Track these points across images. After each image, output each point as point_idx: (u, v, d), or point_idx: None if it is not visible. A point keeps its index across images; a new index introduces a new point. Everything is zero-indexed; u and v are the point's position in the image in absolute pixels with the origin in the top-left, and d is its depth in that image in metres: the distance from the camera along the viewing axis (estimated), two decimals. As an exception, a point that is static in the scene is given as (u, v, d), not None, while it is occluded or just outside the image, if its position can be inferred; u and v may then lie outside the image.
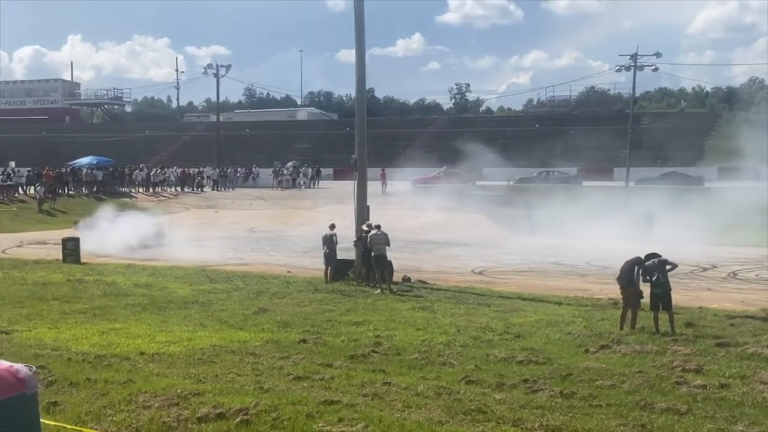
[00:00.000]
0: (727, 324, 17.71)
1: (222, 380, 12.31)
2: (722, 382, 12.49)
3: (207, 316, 18.41)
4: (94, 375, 12.37)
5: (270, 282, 24.24)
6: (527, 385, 12.30)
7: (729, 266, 29.81)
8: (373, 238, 23.80)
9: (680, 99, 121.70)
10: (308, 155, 79.58)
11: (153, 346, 14.70)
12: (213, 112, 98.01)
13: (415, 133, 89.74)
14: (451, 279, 26.07)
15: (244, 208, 55.04)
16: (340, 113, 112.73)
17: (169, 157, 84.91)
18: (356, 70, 26.44)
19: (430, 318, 18.50)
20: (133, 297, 20.99)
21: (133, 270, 26.67)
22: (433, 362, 13.88)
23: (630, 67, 59.15)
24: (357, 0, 25.91)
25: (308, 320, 18.01)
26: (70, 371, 12.57)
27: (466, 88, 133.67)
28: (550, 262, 31.82)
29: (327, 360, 13.90)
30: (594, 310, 19.54)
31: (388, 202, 50.41)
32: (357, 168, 26.30)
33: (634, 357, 14.46)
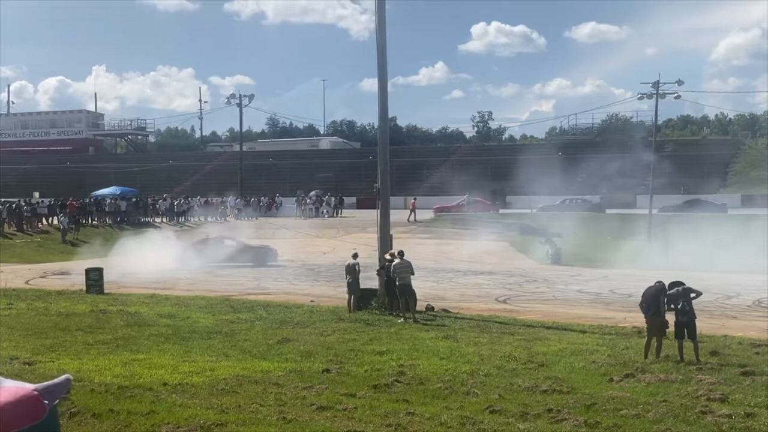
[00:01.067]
0: (753, 352, 17.55)
1: (245, 411, 12.30)
2: (748, 412, 12.37)
3: (230, 346, 18.41)
4: (117, 406, 12.38)
5: (293, 311, 24.23)
6: (551, 415, 12.23)
7: (754, 294, 29.54)
8: (397, 266, 23.75)
9: (703, 126, 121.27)
10: (331, 184, 79.82)
11: (176, 377, 14.69)
12: (236, 141, 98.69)
13: (437, 162, 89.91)
14: (474, 307, 25.99)
15: (268, 237, 55.08)
16: (362, 142, 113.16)
17: (192, 187, 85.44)
18: (379, 99, 26.56)
19: (453, 347, 18.43)
20: (156, 327, 21.00)
21: (156, 300, 26.74)
22: (457, 392, 13.82)
23: (652, 94, 58.94)
24: (379, 32, 26.08)
25: (331, 350, 17.97)
26: (92, 402, 12.59)
27: (488, 116, 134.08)
28: (574, 290, 31.67)
29: (350, 390, 13.86)
30: (618, 339, 19.43)
31: (411, 230, 50.45)
32: (380, 197, 26.35)
33: (659, 386, 14.35)
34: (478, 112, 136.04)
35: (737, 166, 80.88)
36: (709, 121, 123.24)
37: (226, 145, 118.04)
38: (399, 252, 24.21)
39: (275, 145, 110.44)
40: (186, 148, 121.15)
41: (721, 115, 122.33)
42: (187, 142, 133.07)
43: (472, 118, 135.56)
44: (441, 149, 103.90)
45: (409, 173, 78.42)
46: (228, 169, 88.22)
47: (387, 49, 26.38)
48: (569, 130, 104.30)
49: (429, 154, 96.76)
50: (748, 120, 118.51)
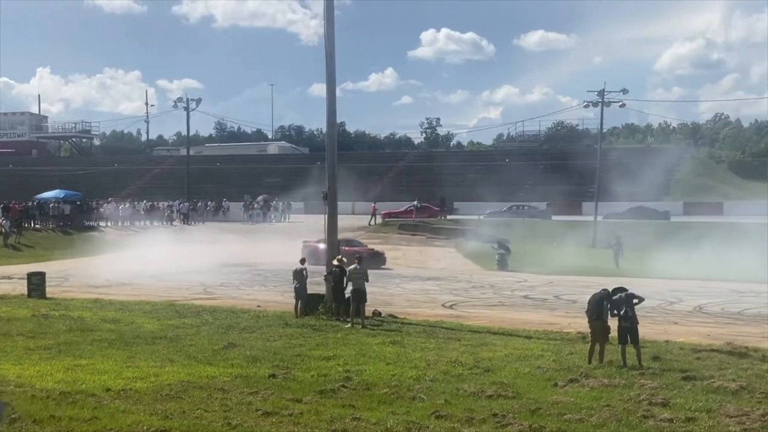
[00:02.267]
0: (693, 358, 17.83)
1: (189, 417, 12.22)
2: (688, 416, 12.58)
3: (175, 352, 18.27)
4: (59, 412, 12.24)
5: (239, 316, 24.09)
6: (496, 420, 12.32)
7: (695, 300, 30.00)
8: (353, 272, 23.76)
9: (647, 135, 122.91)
10: (279, 189, 79.56)
11: (119, 383, 14.55)
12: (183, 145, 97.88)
13: (386, 168, 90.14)
14: (421, 313, 26.04)
15: (214, 242, 54.75)
16: (311, 147, 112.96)
17: (138, 191, 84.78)
18: (327, 105, 26.54)
19: (400, 352, 18.47)
20: (99, 332, 20.76)
21: (100, 305, 26.43)
22: (403, 397, 13.85)
23: (598, 103, 59.70)
24: (327, 37, 26.08)
25: (278, 355, 17.91)
26: (34, 408, 12.42)
27: (436, 123, 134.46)
28: (520, 296, 31.89)
29: (296, 395, 13.83)
30: (563, 344, 19.62)
31: (359, 236, 50.47)
32: (328, 202, 26.32)
33: (602, 391, 14.52)
34: (426, 119, 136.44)
35: (680, 174, 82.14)
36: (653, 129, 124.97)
37: (173, 149, 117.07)
38: (357, 257, 24.18)
39: (223, 149, 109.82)
40: (132, 152, 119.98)
41: (664, 124, 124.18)
42: (133, 146, 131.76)
43: (421, 125, 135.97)
44: (389, 155, 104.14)
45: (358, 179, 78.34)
46: (175, 174, 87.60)
47: (337, 55, 26.41)
48: (516, 137, 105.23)
49: (377, 159, 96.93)
50: (691, 129, 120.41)
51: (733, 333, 22.09)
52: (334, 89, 26.74)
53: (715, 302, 29.55)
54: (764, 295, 31.14)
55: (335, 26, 26.33)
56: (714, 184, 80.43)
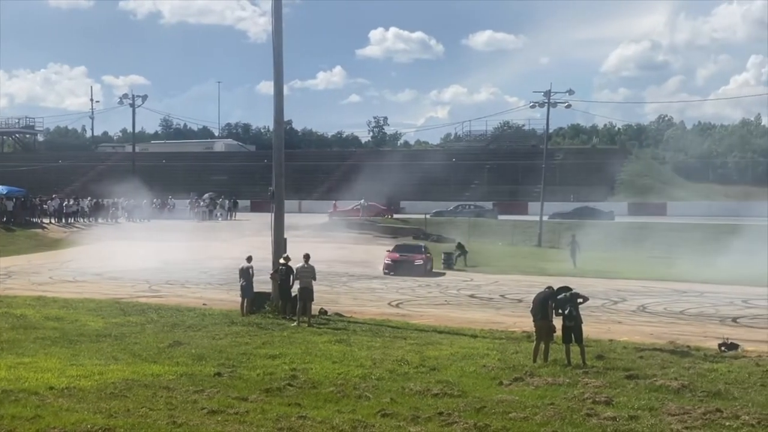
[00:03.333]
0: (637, 356, 18.10)
1: (134, 415, 12.12)
2: (631, 414, 12.76)
3: (120, 350, 18.11)
4: (1, 410, 12.07)
5: (185, 315, 23.94)
6: (442, 418, 12.38)
7: (639, 299, 30.42)
8: (301, 270, 23.73)
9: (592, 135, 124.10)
10: (225, 187, 79.11)
11: (63, 381, 14.39)
12: (128, 142, 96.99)
13: (333, 166, 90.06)
14: (367, 312, 26.09)
15: (160, 240, 54.27)
16: (258, 145, 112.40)
17: (82, 188, 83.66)
18: (274, 103, 26.48)
19: (346, 351, 18.49)
20: (43, 330, 20.50)
21: (43, 302, 26.08)
22: (349, 395, 13.88)
23: (544, 103, 60.23)
24: (275, 34, 26.00)
25: (223, 353, 17.84)
26: (-25, 407, 12.25)
27: (384, 122, 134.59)
28: (466, 295, 32.07)
29: (242, 394, 13.78)
30: (508, 343, 19.79)
31: (305, 234, 50.35)
32: (274, 200, 26.25)
33: (547, 389, 14.67)
34: (374, 117, 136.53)
35: (624, 175, 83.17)
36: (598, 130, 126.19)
37: (118, 145, 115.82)
38: (305, 255, 24.12)
39: (169, 146, 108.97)
40: (76, 148, 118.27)
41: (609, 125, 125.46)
42: (78, 142, 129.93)
43: (368, 124, 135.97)
44: (336, 154, 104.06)
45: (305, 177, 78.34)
46: (120, 170, 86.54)
47: (285, 53, 26.36)
48: (463, 137, 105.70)
49: (324, 158, 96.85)
50: (636, 130, 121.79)
51: (675, 332, 22.48)
52: (281, 87, 26.69)
53: (658, 302, 30.01)
54: (706, 294, 31.74)
55: (283, 24, 26.28)
56: (658, 185, 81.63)
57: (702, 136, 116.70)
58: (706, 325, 24.60)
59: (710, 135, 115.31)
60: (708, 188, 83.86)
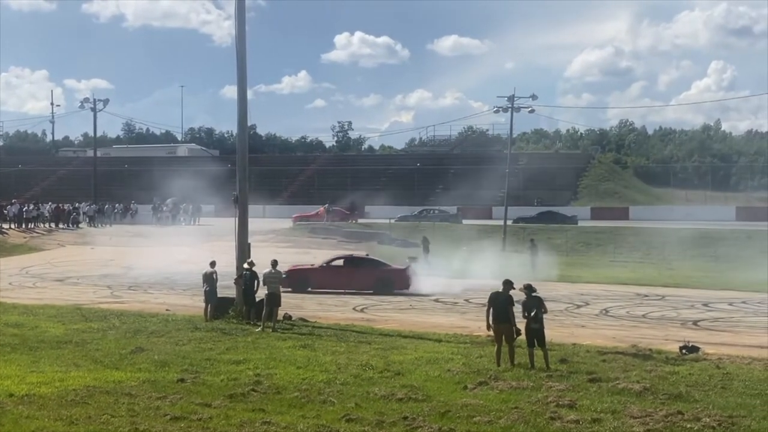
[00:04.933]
0: (600, 360, 18.21)
1: (96, 422, 12.02)
2: (594, 417, 12.84)
3: (81, 356, 17.95)
4: (-40, 418, 11.92)
5: (148, 320, 23.78)
6: (407, 423, 12.39)
7: (602, 303, 30.62)
8: (268, 276, 23.65)
9: (555, 140, 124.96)
10: (189, 192, 78.59)
11: (23, 388, 14.24)
12: (90, 146, 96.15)
13: (296, 171, 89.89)
14: (332, 317, 26.06)
15: (122, 245, 53.88)
16: (221, 150, 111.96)
17: (43, 193, 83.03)
18: (238, 107, 26.38)
19: (310, 356, 18.45)
20: (2, 337, 20.27)
21: (2, 309, 25.79)
22: (314, 401, 13.84)
23: (508, 108, 60.52)
24: (239, 38, 25.92)
25: (187, 359, 17.73)
26: (-66, 415, 12.08)
27: (348, 126, 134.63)
28: (430, 299, 32.09)
29: (206, 400, 13.71)
30: (473, 347, 19.82)
31: (269, 239, 50.23)
32: (238, 205, 26.13)
33: (511, 393, 14.72)
34: (338, 122, 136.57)
35: (587, 180, 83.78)
36: (561, 135, 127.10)
37: (80, 150, 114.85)
38: (272, 261, 24.03)
39: (131, 151, 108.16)
40: (37, 153, 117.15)
41: (572, 130, 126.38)
42: (38, 147, 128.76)
43: (332, 128, 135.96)
44: (300, 158, 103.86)
45: (268, 182, 78.04)
46: (81, 175, 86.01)
47: (249, 57, 26.32)
48: (428, 142, 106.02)
49: (288, 162, 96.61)
50: (598, 135, 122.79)
51: (637, 335, 22.65)
52: (245, 91, 26.60)
53: (621, 305, 30.22)
54: (668, 298, 32.02)
55: (248, 27, 26.26)
56: (620, 190, 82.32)
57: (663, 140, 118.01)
58: (668, 328, 24.81)
59: (671, 140, 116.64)
60: (669, 193, 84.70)
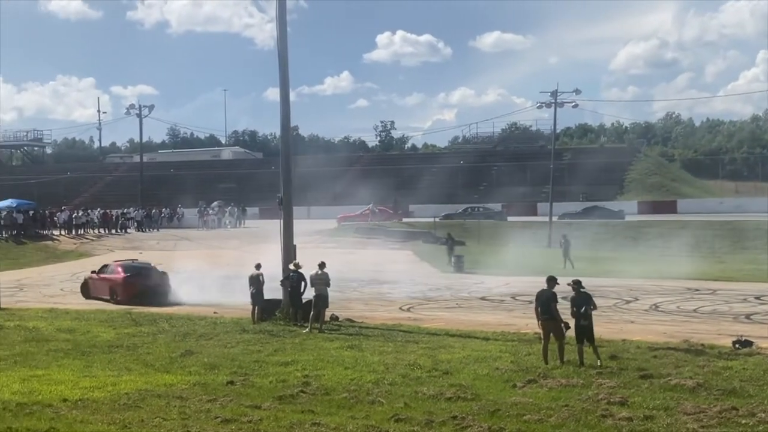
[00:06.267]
0: (650, 356, 17.99)
1: (148, 425, 12.12)
2: (647, 414, 12.69)
3: (132, 360, 18.13)
4: (16, 424, 12.08)
5: (196, 323, 23.97)
6: (456, 422, 12.34)
7: (651, 298, 30.29)
8: (315, 277, 23.70)
9: (600, 135, 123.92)
10: (233, 194, 79.14)
11: (76, 393, 14.40)
12: (136, 152, 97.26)
13: (340, 171, 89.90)
14: (378, 317, 26.07)
15: (169, 249, 54.37)
16: (265, 152, 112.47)
17: (91, 199, 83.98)
18: (281, 109, 26.51)
19: (358, 356, 18.46)
20: (55, 342, 20.56)
21: (55, 315, 26.16)
22: (362, 401, 13.84)
23: (551, 103, 60.06)
24: (280, 40, 26.02)
25: (236, 361, 17.83)
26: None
27: (391, 126, 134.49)
28: (477, 297, 32.00)
29: (255, 402, 13.77)
30: (521, 345, 19.71)
31: (314, 240, 50.38)
32: (283, 207, 26.24)
33: (561, 391, 14.60)
34: (380, 122, 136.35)
35: (633, 174, 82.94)
36: (606, 129, 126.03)
37: (126, 156, 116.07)
38: (320, 263, 24.02)
39: (176, 155, 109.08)
40: (85, 160, 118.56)
41: (617, 124, 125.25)
42: (86, 153, 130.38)
43: (375, 128, 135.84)
44: (343, 159, 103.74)
45: (312, 183, 78.20)
46: (128, 181, 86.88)
47: (292, 59, 26.46)
48: (471, 139, 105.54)
49: (332, 163, 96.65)
50: (644, 128, 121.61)
51: (689, 331, 22.33)
52: (287, 93, 26.70)
53: (671, 300, 29.87)
54: (719, 292, 31.59)
55: (289, 29, 26.41)
56: (667, 183, 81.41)
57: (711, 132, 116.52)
58: (720, 322, 24.46)
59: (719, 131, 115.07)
60: (718, 185, 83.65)
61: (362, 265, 43.21)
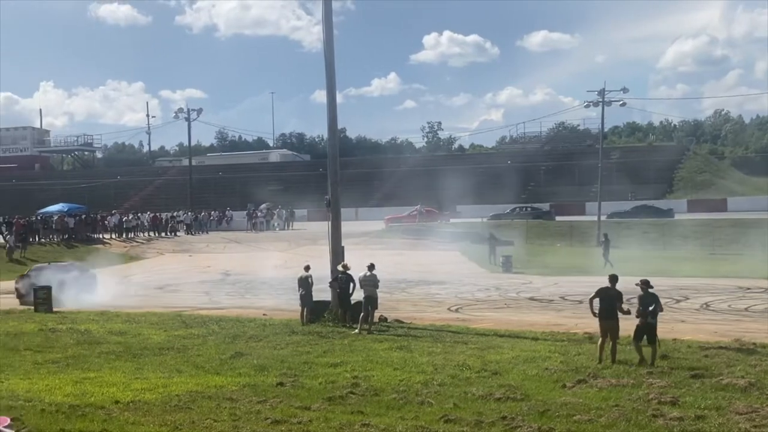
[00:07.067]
0: (702, 355, 17.80)
1: (199, 427, 12.21)
2: (698, 414, 12.55)
3: (183, 362, 18.27)
4: (69, 425, 12.23)
5: (246, 325, 24.10)
6: (506, 423, 12.30)
7: (702, 297, 29.96)
8: (363, 279, 23.73)
9: (648, 133, 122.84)
10: (282, 197, 79.59)
11: (128, 394, 14.54)
12: (185, 156, 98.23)
13: (387, 173, 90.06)
14: (427, 317, 26.03)
15: (219, 252, 54.88)
16: (312, 154, 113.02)
17: (141, 202, 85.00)
18: (328, 111, 26.57)
19: (407, 357, 18.46)
20: (107, 345, 20.78)
21: (106, 317, 26.45)
22: (411, 402, 13.84)
23: (598, 102, 59.58)
24: (326, 43, 26.11)
25: (285, 363, 17.91)
26: (43, 422, 12.41)
27: (438, 126, 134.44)
28: (525, 297, 31.86)
29: (305, 403, 13.82)
30: (570, 345, 19.59)
31: (363, 242, 50.47)
32: (331, 209, 26.33)
33: (611, 391, 14.49)
34: (427, 123, 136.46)
35: (682, 172, 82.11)
36: (655, 127, 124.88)
37: (175, 159, 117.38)
38: (369, 264, 24.05)
39: (224, 158, 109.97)
40: (134, 164, 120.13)
41: (666, 122, 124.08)
42: (135, 157, 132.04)
43: (422, 129, 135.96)
44: (391, 160, 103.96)
45: (360, 185, 78.47)
46: (177, 184, 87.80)
47: (340, 61, 26.61)
48: (518, 139, 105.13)
49: (379, 165, 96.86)
50: (693, 126, 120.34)
51: (740, 330, 22.05)
52: (334, 96, 26.79)
53: (722, 299, 29.52)
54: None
55: (337, 31, 26.49)
56: (717, 181, 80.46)
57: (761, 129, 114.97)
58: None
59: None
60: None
61: (410, 266, 43.26)
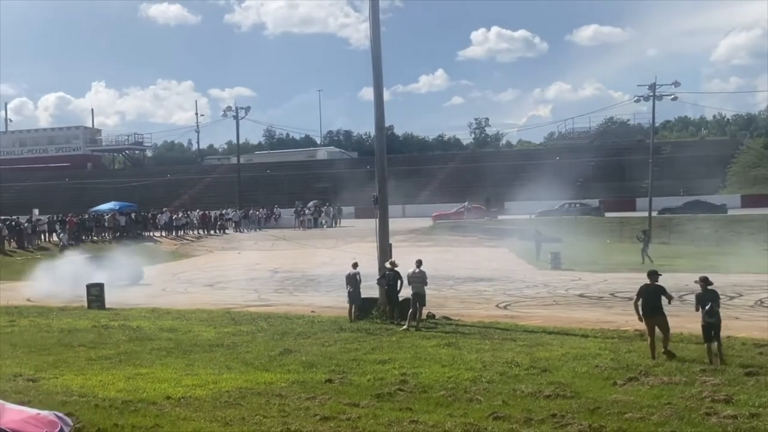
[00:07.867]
0: (756, 353, 17.54)
1: (249, 423, 12.29)
2: (752, 412, 12.37)
3: (232, 359, 18.39)
4: (122, 421, 12.37)
5: (294, 322, 24.20)
6: (555, 420, 12.22)
7: (756, 294, 29.52)
8: (412, 276, 23.73)
9: (701, 127, 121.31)
10: (329, 194, 79.79)
11: (179, 390, 14.67)
12: (233, 154, 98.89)
13: (435, 169, 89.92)
14: (475, 314, 25.94)
15: (267, 249, 55.15)
16: (360, 151, 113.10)
17: (190, 200, 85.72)
18: (375, 108, 26.58)
19: (455, 354, 18.41)
20: (158, 341, 20.98)
21: (157, 314, 26.71)
22: (460, 399, 13.80)
23: (649, 97, 58.86)
24: (373, 40, 26.12)
25: (333, 360, 17.95)
26: (97, 418, 12.57)
27: (485, 123, 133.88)
28: (574, 294, 31.63)
29: (353, 399, 13.84)
30: (620, 342, 19.40)
31: (410, 239, 50.46)
32: (378, 206, 26.34)
33: (663, 388, 14.33)
34: (474, 119, 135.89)
35: (736, 166, 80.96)
36: (707, 122, 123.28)
37: (224, 157, 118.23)
38: (417, 261, 24.04)
39: (272, 156, 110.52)
40: (183, 162, 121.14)
41: (719, 116, 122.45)
42: (184, 156, 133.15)
43: (469, 125, 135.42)
44: (438, 157, 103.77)
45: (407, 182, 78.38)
46: (226, 182, 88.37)
47: (387, 58, 26.60)
48: (567, 135, 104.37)
49: (426, 161, 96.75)
50: (746, 120, 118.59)
51: (795, 327, 21.71)
52: (381, 93, 26.78)
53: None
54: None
55: (384, 29, 26.50)
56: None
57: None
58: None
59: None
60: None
61: (458, 263, 43.15)
